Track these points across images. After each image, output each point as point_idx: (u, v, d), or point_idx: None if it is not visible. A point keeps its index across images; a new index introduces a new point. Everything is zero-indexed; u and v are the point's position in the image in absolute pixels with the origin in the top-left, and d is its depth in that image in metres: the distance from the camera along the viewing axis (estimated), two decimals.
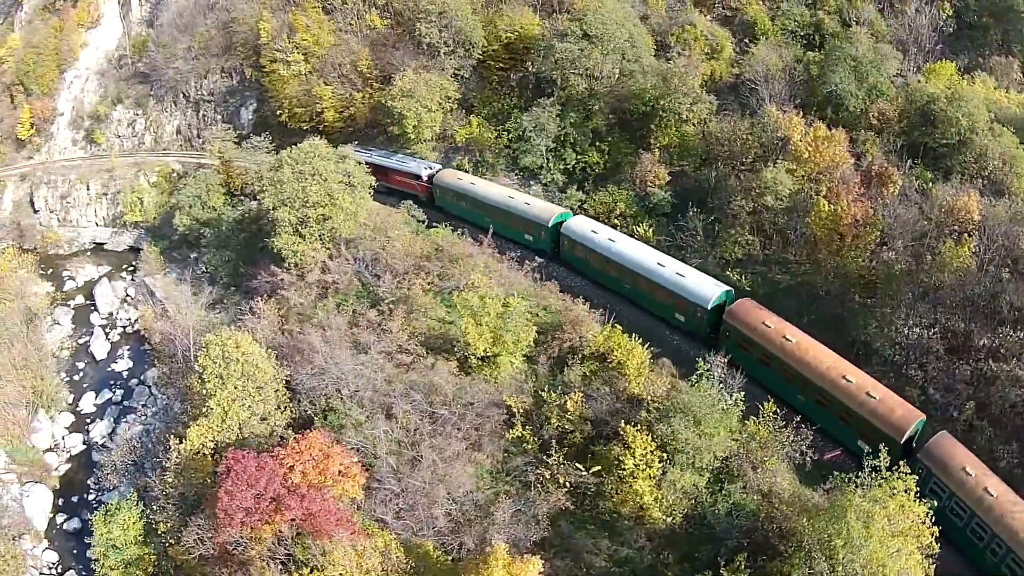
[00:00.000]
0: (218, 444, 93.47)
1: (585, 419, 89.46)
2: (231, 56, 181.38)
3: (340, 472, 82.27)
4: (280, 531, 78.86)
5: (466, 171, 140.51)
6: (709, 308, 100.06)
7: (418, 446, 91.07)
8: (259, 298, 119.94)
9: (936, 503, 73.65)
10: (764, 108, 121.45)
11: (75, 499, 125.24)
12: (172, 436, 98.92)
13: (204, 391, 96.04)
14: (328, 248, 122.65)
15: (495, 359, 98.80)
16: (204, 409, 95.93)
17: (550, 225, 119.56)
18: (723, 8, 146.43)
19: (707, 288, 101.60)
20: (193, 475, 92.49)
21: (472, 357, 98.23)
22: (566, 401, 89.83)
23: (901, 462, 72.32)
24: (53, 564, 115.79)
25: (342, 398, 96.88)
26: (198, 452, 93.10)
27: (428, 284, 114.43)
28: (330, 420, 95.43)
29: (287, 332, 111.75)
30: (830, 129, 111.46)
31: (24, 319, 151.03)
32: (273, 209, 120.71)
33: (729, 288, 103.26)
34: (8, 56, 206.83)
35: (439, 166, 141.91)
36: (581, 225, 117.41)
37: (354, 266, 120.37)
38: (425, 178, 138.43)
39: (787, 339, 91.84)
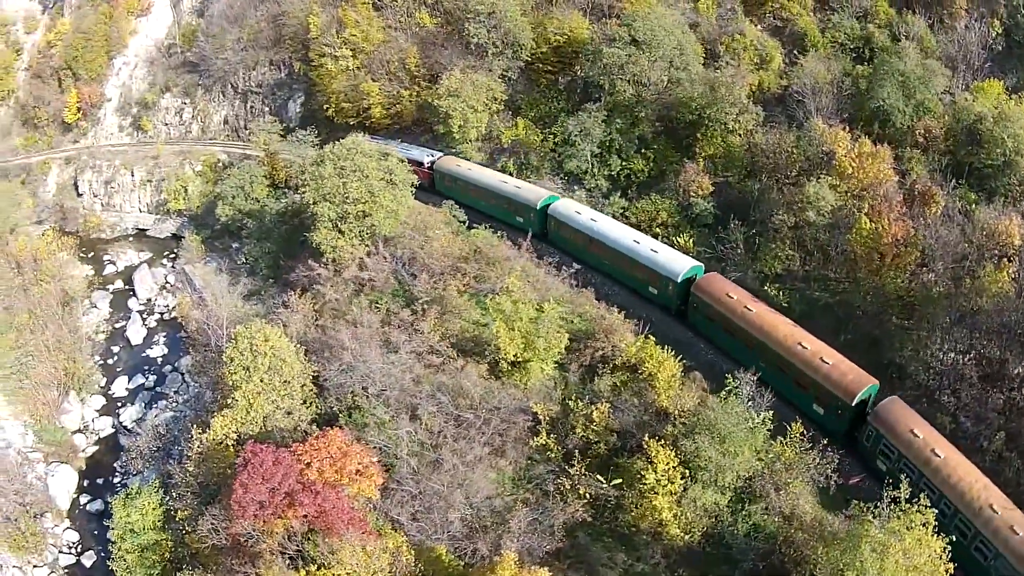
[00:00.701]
0: (241, 436, 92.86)
1: (611, 430, 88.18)
2: (280, 49, 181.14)
3: (357, 471, 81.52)
4: (291, 526, 78.09)
5: (512, 169, 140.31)
6: (679, 281, 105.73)
7: (440, 448, 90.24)
8: (294, 292, 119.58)
9: (885, 466, 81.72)
10: (811, 121, 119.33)
11: (100, 481, 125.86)
12: (195, 426, 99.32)
13: (230, 382, 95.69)
14: (367, 245, 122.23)
15: (526, 364, 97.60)
16: (229, 400, 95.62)
17: (539, 207, 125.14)
18: (774, 18, 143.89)
19: (677, 263, 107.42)
20: (214, 465, 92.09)
21: (503, 361, 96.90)
22: (592, 411, 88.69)
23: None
24: (73, 544, 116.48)
25: (368, 396, 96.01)
26: (221, 442, 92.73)
27: (464, 286, 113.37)
28: (354, 418, 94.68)
29: (320, 327, 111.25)
30: (875, 145, 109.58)
31: (60, 301, 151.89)
32: (313, 204, 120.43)
33: (699, 264, 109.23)
34: (57, 40, 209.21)
35: (440, 154, 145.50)
36: (566, 207, 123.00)
37: (391, 264, 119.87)
38: (427, 165, 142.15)
39: (748, 309, 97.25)
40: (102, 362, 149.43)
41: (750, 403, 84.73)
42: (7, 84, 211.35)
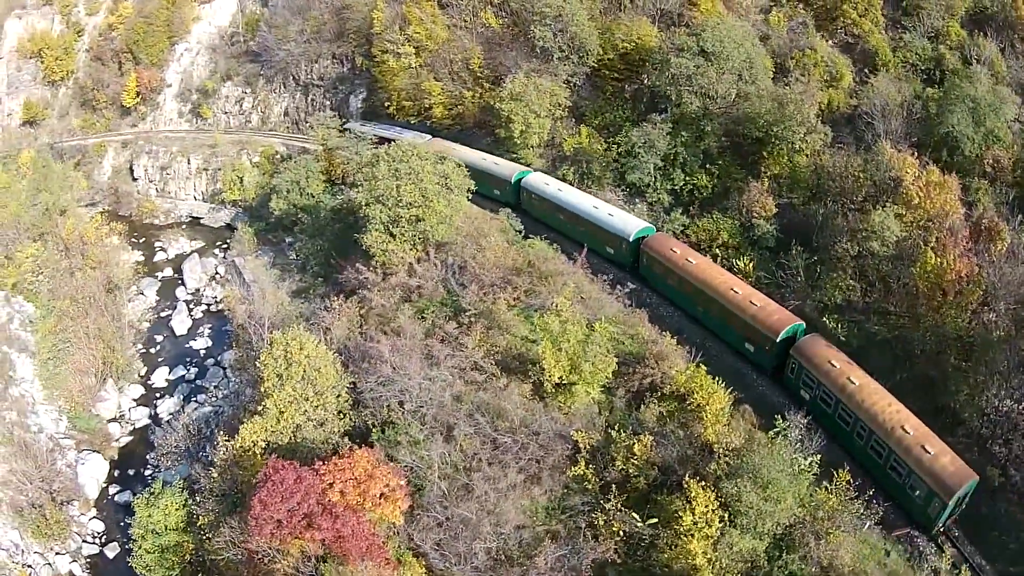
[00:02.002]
0: (270, 445, 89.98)
1: (652, 464, 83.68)
2: (343, 43, 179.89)
3: (382, 495, 78.32)
4: (307, 549, 74.87)
5: (555, 178, 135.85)
6: (631, 240, 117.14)
7: (473, 473, 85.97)
8: (339, 296, 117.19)
9: (808, 395, 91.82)
10: (879, 145, 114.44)
11: (131, 472, 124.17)
12: (221, 432, 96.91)
13: (263, 389, 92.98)
14: (417, 250, 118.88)
15: (571, 387, 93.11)
16: (260, 407, 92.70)
17: (513, 180, 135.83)
18: (845, 34, 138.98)
19: (630, 224, 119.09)
20: (240, 472, 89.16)
21: (547, 383, 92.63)
22: (634, 443, 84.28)
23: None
24: (98, 534, 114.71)
25: (403, 412, 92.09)
26: (248, 450, 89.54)
27: (514, 300, 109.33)
28: (387, 434, 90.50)
29: (363, 333, 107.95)
30: (943, 174, 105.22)
31: (106, 288, 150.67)
32: (365, 205, 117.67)
33: (650, 225, 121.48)
34: (119, 23, 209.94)
35: (429, 136, 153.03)
36: (537, 180, 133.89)
37: (441, 272, 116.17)
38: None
39: (689, 261, 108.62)
40: (144, 351, 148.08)
41: (798, 445, 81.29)
42: (67, 65, 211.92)
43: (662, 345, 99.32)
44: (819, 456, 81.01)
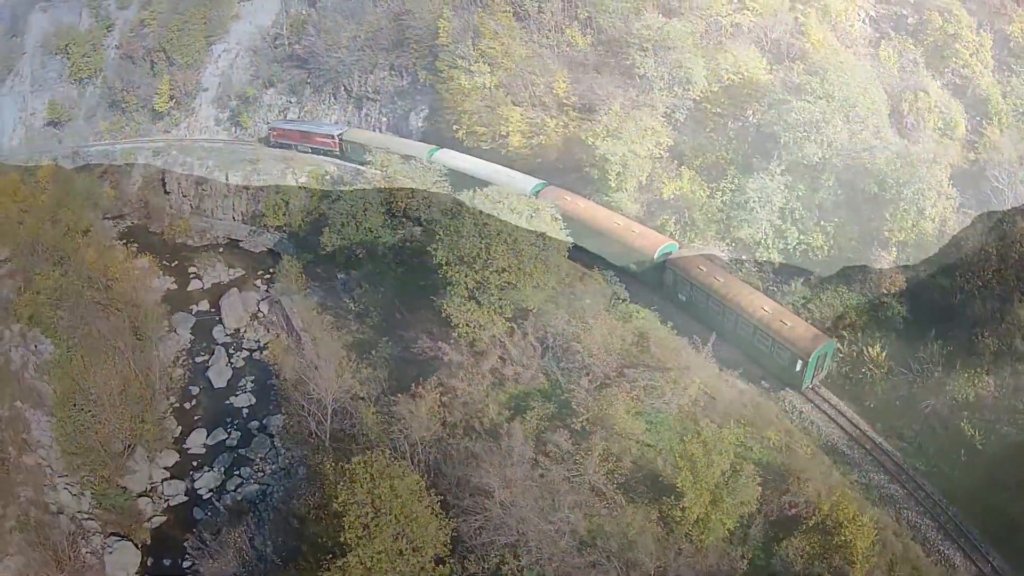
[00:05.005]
0: None
1: None
2: (402, 53, 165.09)
3: None
4: None
5: (674, 230, 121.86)
6: (528, 195, 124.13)
7: None
8: (415, 389, 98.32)
9: (684, 297, 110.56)
10: (1013, 218, 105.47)
11: (166, 562, 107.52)
12: None
13: (341, 540, 75.43)
14: (505, 320, 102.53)
15: (707, 519, 78.15)
16: (340, 562, 74.96)
17: (426, 156, 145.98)
18: (952, 75, 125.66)
19: (526, 182, 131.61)
20: None
21: (684, 518, 77.58)
22: None
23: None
24: None
25: (519, 566, 74.64)
26: None
27: (631, 398, 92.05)
28: None
29: (452, 440, 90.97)
30: None
31: (133, 331, 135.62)
32: (446, 265, 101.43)
33: (542, 181, 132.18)
34: (151, 19, 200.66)
35: (346, 127, 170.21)
36: (445, 155, 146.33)
37: (539, 355, 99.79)
38: (336, 136, 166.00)
39: (578, 206, 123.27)
40: (177, 404, 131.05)
41: None
42: (95, 63, 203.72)
43: (804, 463, 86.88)
44: None
